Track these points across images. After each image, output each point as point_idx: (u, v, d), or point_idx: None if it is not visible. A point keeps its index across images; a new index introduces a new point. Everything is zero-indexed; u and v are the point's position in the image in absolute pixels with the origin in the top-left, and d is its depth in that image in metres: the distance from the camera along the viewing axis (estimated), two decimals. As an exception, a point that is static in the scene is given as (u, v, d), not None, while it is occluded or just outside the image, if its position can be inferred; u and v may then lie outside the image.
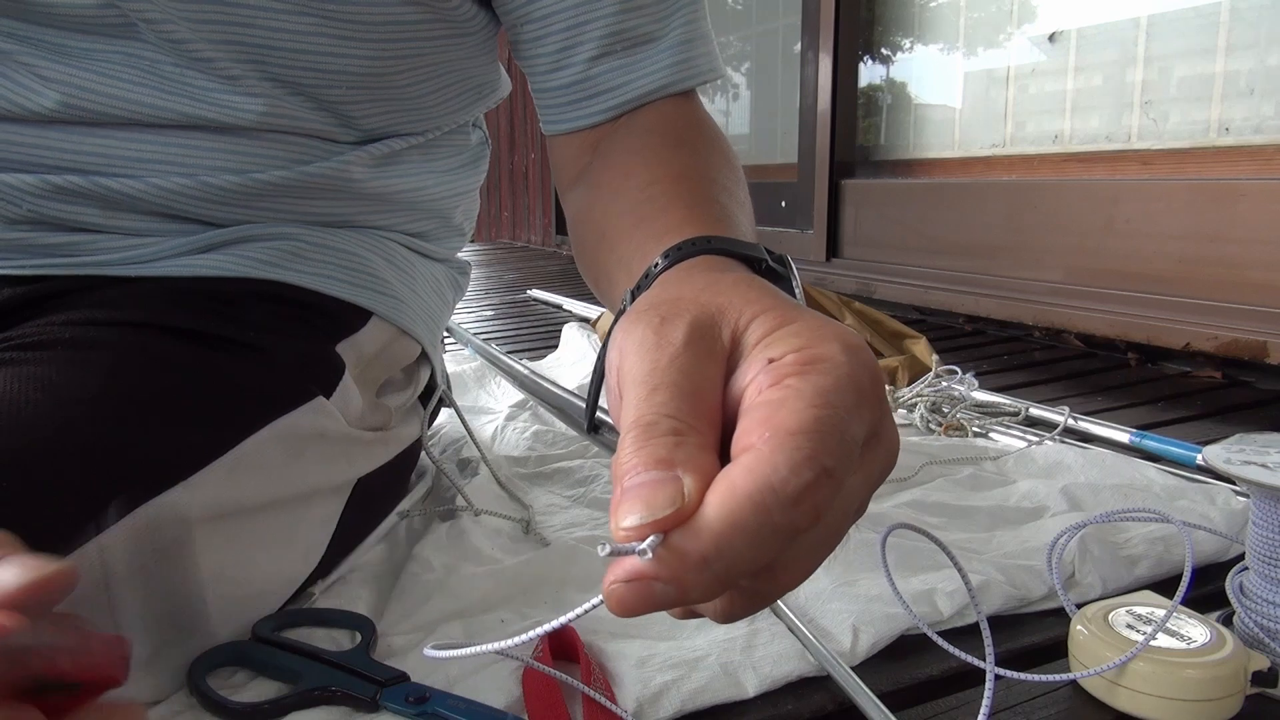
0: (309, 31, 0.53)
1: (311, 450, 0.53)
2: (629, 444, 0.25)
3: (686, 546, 0.23)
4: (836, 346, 0.26)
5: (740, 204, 0.47)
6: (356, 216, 0.63)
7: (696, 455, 0.25)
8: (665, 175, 0.47)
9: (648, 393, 0.26)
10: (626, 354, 0.28)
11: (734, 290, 0.30)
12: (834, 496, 0.24)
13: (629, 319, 0.29)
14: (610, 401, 0.30)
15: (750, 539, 0.23)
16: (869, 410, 0.26)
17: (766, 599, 0.27)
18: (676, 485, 0.24)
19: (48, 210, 0.53)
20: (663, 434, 0.25)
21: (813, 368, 0.26)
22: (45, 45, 0.51)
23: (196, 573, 0.46)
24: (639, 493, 0.24)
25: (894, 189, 1.87)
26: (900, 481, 0.77)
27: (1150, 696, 0.44)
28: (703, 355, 0.27)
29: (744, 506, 0.23)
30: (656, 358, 0.27)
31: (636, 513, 0.23)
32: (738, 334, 0.28)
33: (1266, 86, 1.25)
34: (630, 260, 0.42)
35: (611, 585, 0.24)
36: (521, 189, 3.84)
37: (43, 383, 0.44)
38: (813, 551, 0.26)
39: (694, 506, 0.24)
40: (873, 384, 0.26)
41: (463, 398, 1.09)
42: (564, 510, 0.72)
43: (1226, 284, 1.24)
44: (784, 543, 0.24)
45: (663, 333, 0.28)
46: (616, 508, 0.24)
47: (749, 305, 0.29)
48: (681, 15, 0.55)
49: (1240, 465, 0.47)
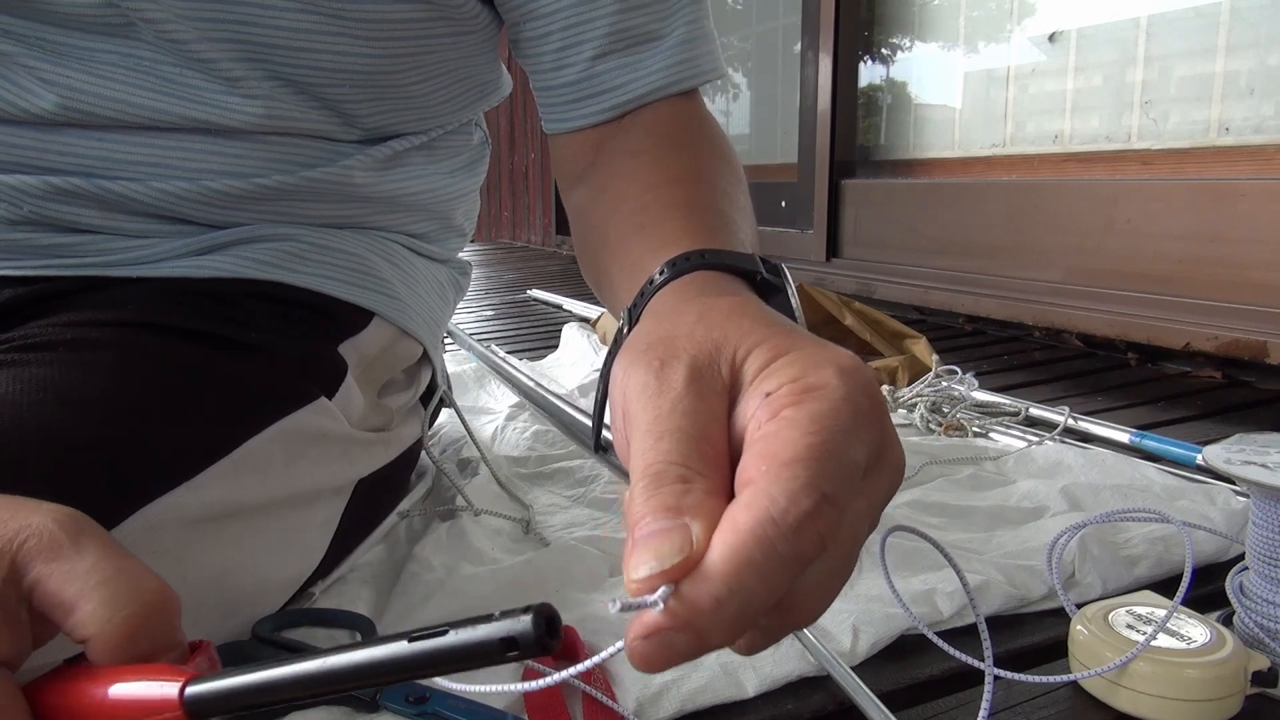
0: (312, 29, 0.52)
1: (313, 451, 0.53)
2: (638, 494, 0.25)
3: (697, 593, 0.23)
4: (831, 372, 0.26)
5: (739, 208, 0.47)
6: (359, 219, 0.63)
7: (704, 500, 0.25)
8: (664, 180, 0.47)
9: (654, 441, 0.26)
10: (630, 399, 0.28)
11: (728, 322, 0.30)
12: (838, 521, 0.24)
13: (629, 357, 0.30)
14: (617, 443, 0.30)
15: (758, 574, 0.23)
16: (869, 431, 0.26)
17: (787, 630, 0.27)
18: (684, 533, 0.24)
19: (49, 211, 0.53)
20: (671, 481, 0.25)
21: (807, 396, 0.26)
22: (45, 46, 0.51)
23: (197, 573, 0.46)
24: (648, 543, 0.24)
25: (894, 189, 1.87)
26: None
27: (1150, 696, 0.44)
28: (705, 395, 0.27)
29: (747, 542, 0.23)
30: (660, 404, 0.27)
31: (646, 564, 0.23)
32: (736, 368, 0.28)
33: (1266, 86, 1.25)
34: (628, 270, 0.43)
35: (633, 642, 0.23)
36: (521, 189, 3.84)
37: (44, 383, 0.44)
38: (828, 578, 0.26)
39: (702, 552, 0.24)
40: (871, 405, 0.26)
41: (463, 398, 1.09)
42: (564, 510, 0.72)
43: (1226, 284, 1.24)
44: (793, 572, 0.24)
45: (663, 377, 0.28)
46: (628, 559, 0.24)
47: (745, 338, 0.29)
48: (684, 14, 0.55)
49: (1240, 465, 0.47)
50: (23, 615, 0.28)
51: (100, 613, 0.28)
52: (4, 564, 0.28)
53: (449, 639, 0.23)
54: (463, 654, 0.23)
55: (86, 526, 0.29)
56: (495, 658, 0.23)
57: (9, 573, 0.28)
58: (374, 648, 0.24)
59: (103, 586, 0.28)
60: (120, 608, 0.28)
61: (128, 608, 0.28)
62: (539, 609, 0.22)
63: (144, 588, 0.29)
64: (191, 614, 0.46)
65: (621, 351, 0.31)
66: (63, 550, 0.28)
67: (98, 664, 0.28)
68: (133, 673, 0.27)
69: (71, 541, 0.28)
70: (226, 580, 0.48)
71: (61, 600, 0.28)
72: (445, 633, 0.23)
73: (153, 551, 0.43)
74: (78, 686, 0.28)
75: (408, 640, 0.24)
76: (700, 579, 0.23)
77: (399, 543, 0.66)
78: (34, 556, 0.28)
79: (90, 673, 0.28)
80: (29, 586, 0.28)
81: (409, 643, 0.23)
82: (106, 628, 0.28)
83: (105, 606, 0.28)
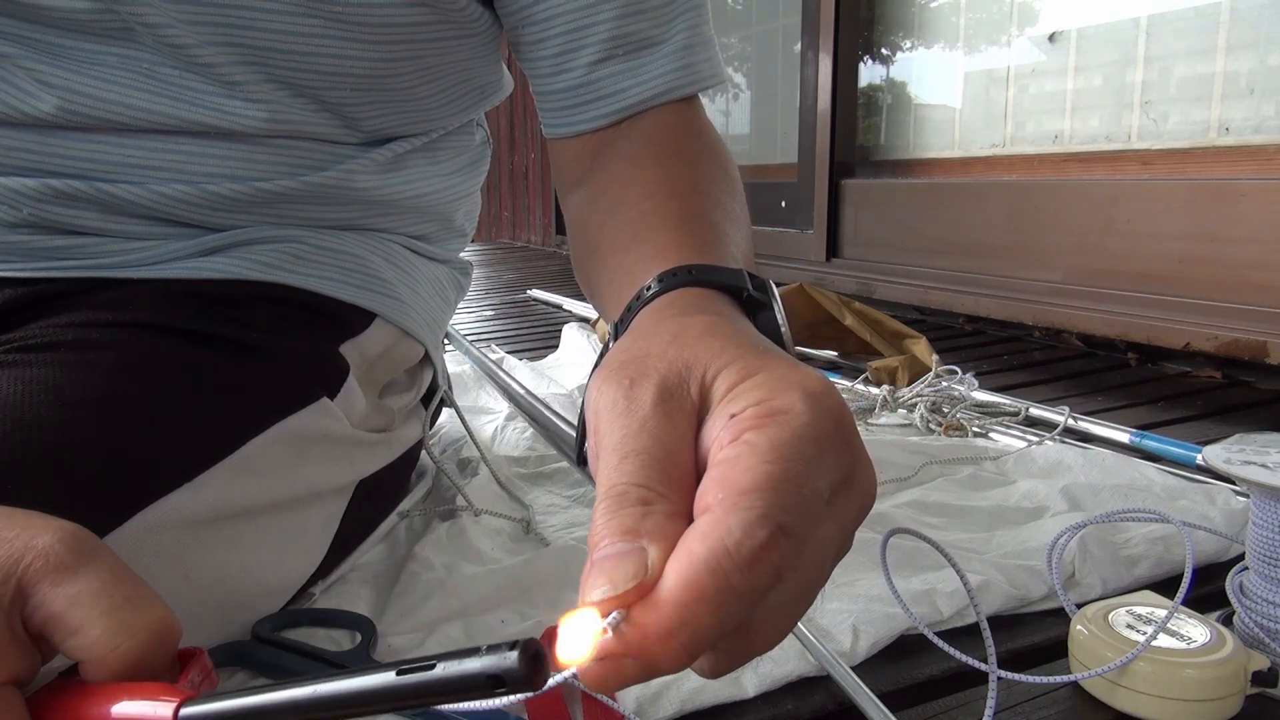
0: (313, 33, 0.52)
1: (315, 452, 0.53)
2: (600, 514, 0.25)
3: (648, 620, 0.23)
4: (796, 396, 0.26)
5: (733, 219, 0.46)
6: (360, 221, 0.63)
7: (664, 524, 0.24)
8: (659, 190, 0.47)
9: (619, 461, 0.26)
10: (600, 417, 0.28)
11: (699, 342, 0.30)
12: (796, 551, 0.24)
13: (603, 376, 0.29)
14: (591, 460, 0.30)
15: (710, 605, 0.23)
16: (834, 457, 0.26)
17: (748, 655, 0.27)
18: (640, 557, 0.24)
19: (48, 214, 0.53)
20: (631, 504, 0.25)
21: (770, 420, 0.25)
22: (44, 48, 0.51)
23: (198, 574, 0.46)
24: (603, 566, 0.24)
25: (894, 189, 1.87)
26: (900, 481, 0.77)
27: (1150, 696, 0.44)
28: (672, 415, 0.27)
29: (700, 573, 0.23)
30: (627, 424, 0.27)
31: (600, 588, 0.23)
32: (705, 388, 0.28)
33: (1266, 86, 1.25)
34: (618, 282, 0.43)
35: (587, 664, 0.24)
36: (521, 189, 3.84)
37: (45, 384, 0.44)
38: (789, 605, 0.26)
39: (656, 577, 0.23)
40: (837, 429, 0.26)
41: (463, 398, 1.09)
42: (564, 510, 0.73)
43: (1226, 284, 1.24)
44: (748, 604, 0.24)
45: (632, 396, 0.28)
46: (584, 580, 0.24)
47: (715, 358, 0.28)
48: (684, 20, 0.55)
49: (1240, 465, 0.47)
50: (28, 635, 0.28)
51: (104, 641, 0.28)
52: (10, 586, 0.28)
53: (436, 673, 0.23)
54: (449, 688, 0.23)
55: (93, 547, 0.29)
56: (481, 693, 0.23)
57: (15, 594, 0.28)
58: (363, 677, 0.25)
59: (110, 614, 0.28)
60: (126, 637, 0.28)
61: (133, 638, 0.28)
62: (525, 645, 0.23)
63: (150, 618, 0.29)
64: (192, 614, 0.46)
65: (598, 368, 0.31)
66: (69, 572, 0.28)
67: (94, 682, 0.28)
68: (130, 691, 0.28)
69: (78, 563, 0.28)
70: (227, 580, 0.48)
71: (65, 623, 0.28)
72: (433, 666, 0.24)
73: (154, 552, 0.43)
74: (76, 704, 0.28)
75: (396, 673, 0.24)
76: (652, 607, 0.23)
77: (399, 543, 0.66)
78: (40, 579, 0.28)
79: (88, 690, 0.28)
80: (34, 607, 0.28)
81: (397, 675, 0.24)
82: (111, 656, 0.28)
83: (109, 635, 0.28)
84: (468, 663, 0.23)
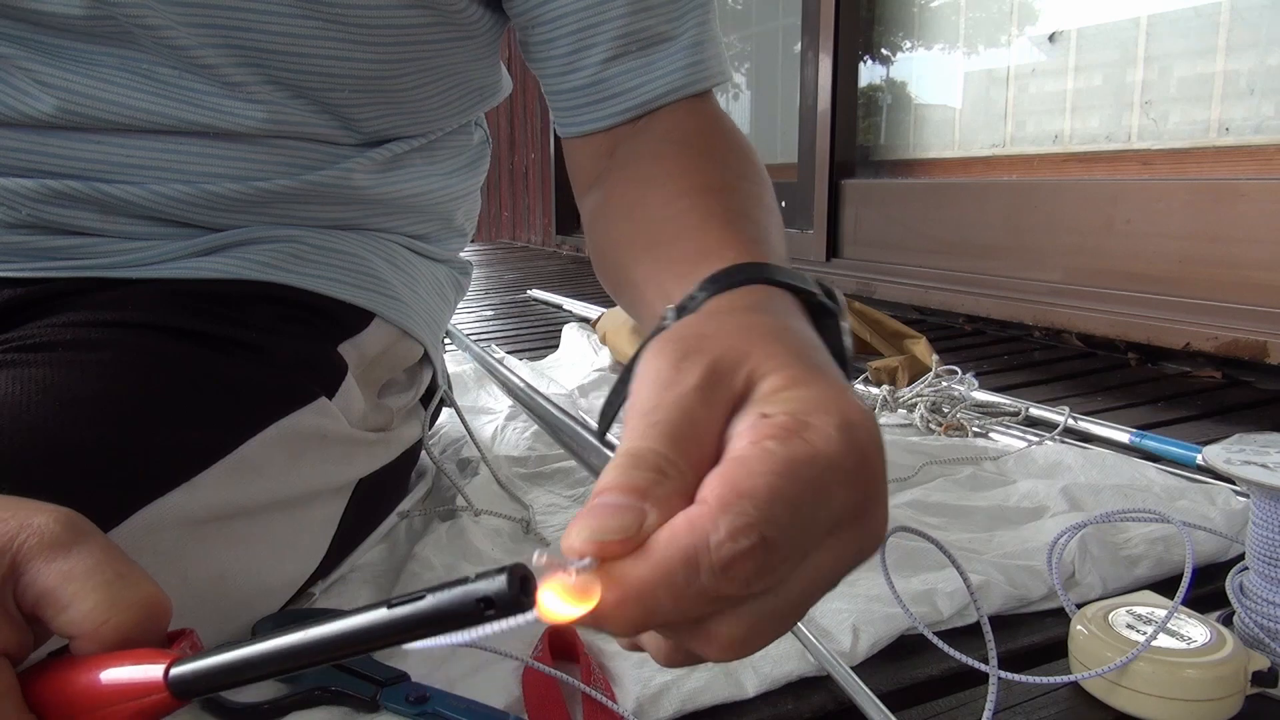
0: (312, 35, 0.52)
1: (313, 451, 0.53)
2: (612, 468, 0.25)
3: (610, 581, 0.23)
4: (831, 419, 0.25)
5: (769, 211, 0.46)
6: (359, 220, 0.62)
7: (670, 497, 0.24)
8: (692, 188, 0.46)
9: (645, 426, 0.26)
10: (642, 382, 0.28)
11: (764, 340, 0.29)
12: (772, 570, 0.24)
13: (656, 347, 0.29)
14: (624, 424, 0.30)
15: (672, 593, 0.23)
16: (847, 491, 0.25)
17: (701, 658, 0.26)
18: (638, 516, 0.24)
19: (47, 214, 0.53)
20: (647, 468, 0.25)
21: (796, 434, 0.25)
22: (42, 49, 0.51)
23: (197, 573, 0.46)
24: (598, 511, 0.24)
25: (894, 189, 1.87)
26: (900, 481, 0.77)
27: (1150, 696, 0.44)
28: (711, 399, 0.27)
29: (674, 559, 0.23)
30: (664, 394, 0.27)
31: (587, 530, 0.23)
32: (751, 382, 0.28)
33: (1266, 86, 1.25)
34: (663, 278, 0.42)
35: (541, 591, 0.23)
36: (521, 189, 3.84)
37: (44, 384, 0.44)
38: (762, 621, 0.25)
39: (641, 543, 0.23)
40: (861, 465, 0.25)
41: (463, 398, 1.09)
42: (564, 510, 0.73)
43: (1226, 284, 1.24)
44: (708, 604, 0.24)
45: (680, 368, 0.27)
46: (574, 521, 0.24)
47: (770, 358, 0.28)
48: (694, 15, 0.55)
49: (1240, 465, 0.47)
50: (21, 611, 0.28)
51: (95, 614, 0.28)
52: (5, 561, 0.28)
53: (427, 602, 0.23)
54: (441, 616, 0.23)
55: (87, 528, 0.30)
56: (474, 619, 0.23)
57: (9, 569, 0.28)
58: (353, 618, 0.24)
59: (102, 589, 0.28)
60: (116, 612, 0.28)
61: (124, 613, 0.28)
62: (513, 569, 0.22)
63: (142, 593, 0.29)
64: (191, 614, 0.46)
65: (652, 340, 0.30)
66: (63, 549, 0.28)
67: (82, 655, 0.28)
68: (118, 659, 0.28)
69: (72, 541, 0.29)
70: (226, 580, 0.48)
71: (58, 598, 0.28)
72: (423, 597, 0.23)
73: (152, 552, 0.43)
74: (66, 674, 0.28)
75: (387, 607, 0.24)
76: (619, 569, 0.23)
77: (399, 543, 0.66)
78: (34, 555, 0.28)
79: (77, 660, 0.28)
80: (27, 583, 0.28)
81: (388, 609, 0.24)
82: (102, 629, 0.28)
83: (101, 609, 0.28)
84: (458, 589, 0.23)
